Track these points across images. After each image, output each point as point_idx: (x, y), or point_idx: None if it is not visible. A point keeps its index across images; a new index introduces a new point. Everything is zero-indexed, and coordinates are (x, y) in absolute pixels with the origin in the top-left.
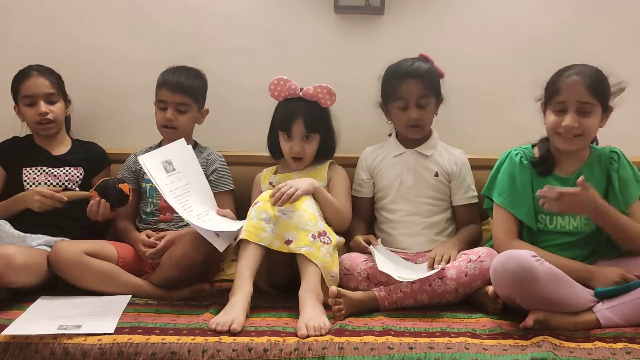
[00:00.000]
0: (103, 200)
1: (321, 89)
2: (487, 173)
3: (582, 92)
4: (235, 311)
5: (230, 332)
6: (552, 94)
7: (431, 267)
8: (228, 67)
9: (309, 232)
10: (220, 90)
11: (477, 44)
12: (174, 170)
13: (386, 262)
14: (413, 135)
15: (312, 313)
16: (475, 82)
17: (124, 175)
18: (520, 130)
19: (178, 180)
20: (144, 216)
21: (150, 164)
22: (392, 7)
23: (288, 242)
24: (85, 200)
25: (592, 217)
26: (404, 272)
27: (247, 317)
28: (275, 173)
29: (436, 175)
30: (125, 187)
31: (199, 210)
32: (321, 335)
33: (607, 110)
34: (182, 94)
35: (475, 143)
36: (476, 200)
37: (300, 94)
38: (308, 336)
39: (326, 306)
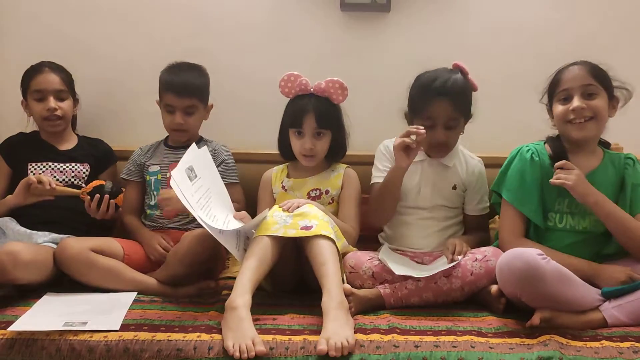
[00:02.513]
0: (107, 196)
1: (333, 84)
2: (494, 171)
3: (584, 75)
4: (248, 328)
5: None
6: (555, 87)
7: (451, 254)
8: (234, 65)
9: (330, 223)
10: (226, 88)
11: (484, 41)
12: (196, 176)
13: (400, 266)
14: (436, 155)
15: (334, 327)
16: (482, 80)
17: (129, 169)
18: (527, 129)
19: (200, 188)
20: (148, 211)
21: (179, 178)
22: (398, 4)
23: (306, 227)
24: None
25: (590, 200)
26: (419, 271)
27: None
28: (288, 177)
29: (454, 187)
30: (118, 200)
31: (222, 217)
32: (342, 355)
33: (612, 99)
34: (189, 97)
35: (481, 141)
36: (488, 211)
37: (312, 89)
38: (327, 354)
39: None
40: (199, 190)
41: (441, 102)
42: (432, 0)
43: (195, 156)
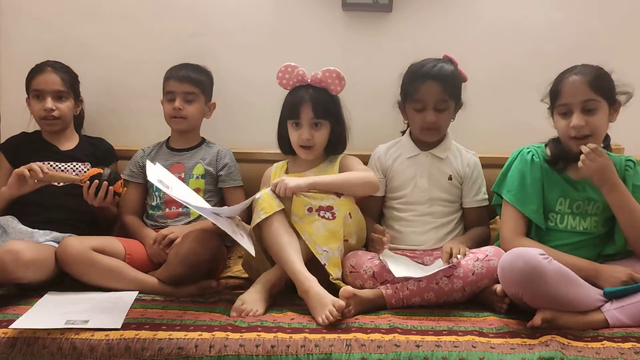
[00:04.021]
0: (105, 183)
1: (330, 73)
2: (496, 171)
3: (583, 90)
4: (326, 297)
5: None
6: (555, 97)
7: (447, 261)
8: (236, 65)
9: (306, 205)
10: (228, 88)
11: (485, 41)
12: (167, 187)
13: (400, 268)
14: (427, 138)
15: (252, 295)
16: (484, 80)
17: (131, 170)
18: (529, 129)
19: (177, 193)
20: (150, 211)
21: (155, 182)
22: (400, 4)
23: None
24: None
25: (605, 188)
26: (420, 271)
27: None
28: (287, 172)
29: (450, 178)
30: (117, 187)
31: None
32: (244, 317)
33: (614, 105)
34: (190, 84)
35: (484, 141)
36: (486, 203)
37: (309, 80)
38: (240, 314)
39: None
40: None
41: (430, 85)
42: (434, 0)
43: (159, 171)
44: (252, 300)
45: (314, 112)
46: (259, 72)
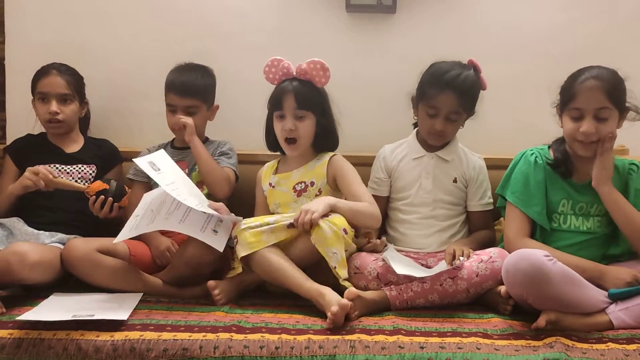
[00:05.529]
0: (110, 199)
1: (314, 64)
2: (502, 173)
3: (599, 98)
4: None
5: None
6: (568, 99)
7: (450, 262)
8: (239, 65)
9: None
10: (231, 88)
11: (489, 42)
12: (158, 169)
13: (403, 266)
14: (432, 143)
15: (228, 286)
16: (488, 81)
17: (136, 169)
18: (534, 131)
19: (164, 179)
20: None
21: (141, 163)
22: (404, 5)
23: (291, 225)
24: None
25: (607, 187)
26: (422, 271)
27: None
28: (276, 172)
29: (455, 181)
30: (123, 202)
31: (193, 202)
32: (214, 296)
33: (623, 112)
34: (190, 97)
35: (491, 143)
36: (491, 207)
37: (294, 72)
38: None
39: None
40: (163, 180)
41: (448, 95)
42: (438, 1)
43: (153, 155)
44: (226, 290)
45: (297, 102)
46: (261, 73)
